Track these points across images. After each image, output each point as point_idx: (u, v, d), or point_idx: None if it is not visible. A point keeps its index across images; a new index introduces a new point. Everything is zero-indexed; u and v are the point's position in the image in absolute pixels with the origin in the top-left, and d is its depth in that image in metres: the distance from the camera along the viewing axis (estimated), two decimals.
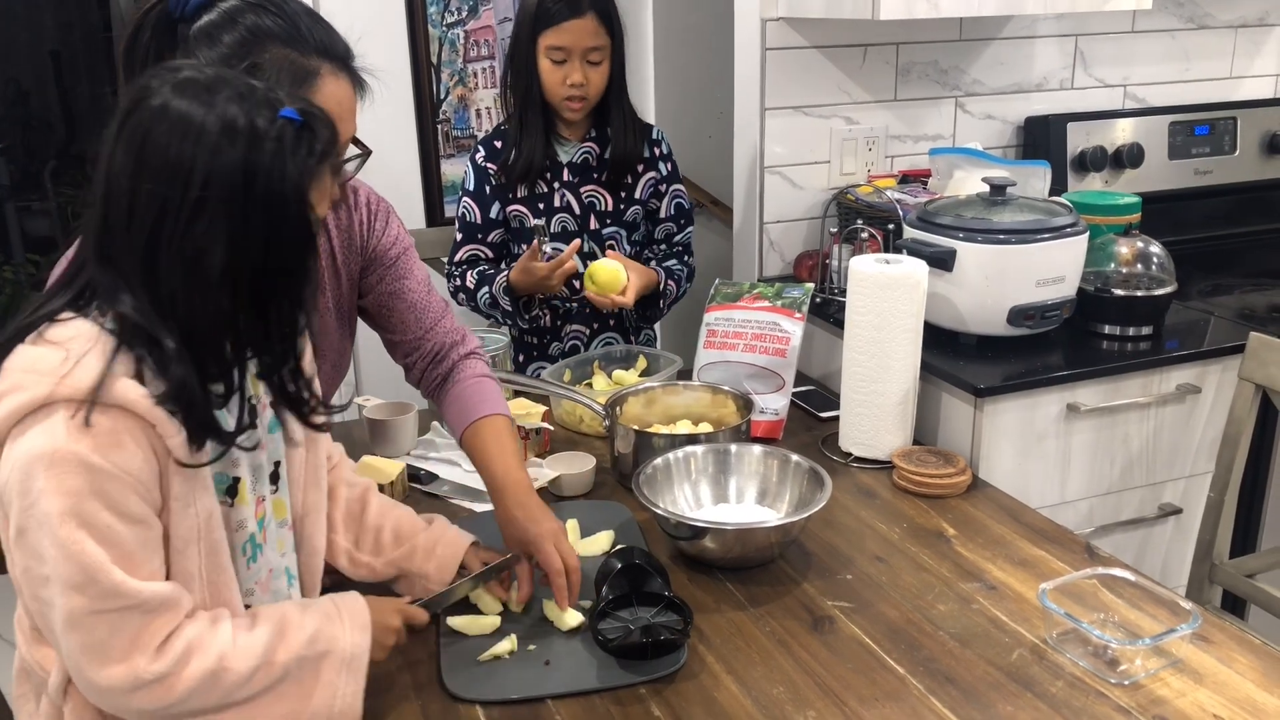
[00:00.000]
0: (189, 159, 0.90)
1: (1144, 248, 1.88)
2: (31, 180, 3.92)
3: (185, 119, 0.91)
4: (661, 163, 2.07)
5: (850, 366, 1.65)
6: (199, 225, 0.91)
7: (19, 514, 0.92)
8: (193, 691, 0.97)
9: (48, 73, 3.97)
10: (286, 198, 0.93)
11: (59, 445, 0.90)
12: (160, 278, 0.93)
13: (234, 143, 0.91)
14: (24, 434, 0.91)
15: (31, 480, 0.90)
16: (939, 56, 2.22)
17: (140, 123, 0.92)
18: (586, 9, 1.87)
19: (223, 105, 0.92)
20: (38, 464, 0.90)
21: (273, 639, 1.02)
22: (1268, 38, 2.49)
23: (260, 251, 0.93)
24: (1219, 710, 1.10)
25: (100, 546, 0.91)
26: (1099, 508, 1.83)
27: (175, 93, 0.93)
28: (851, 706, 1.12)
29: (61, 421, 0.90)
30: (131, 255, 0.93)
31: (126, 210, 0.92)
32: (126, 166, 0.92)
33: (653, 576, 1.25)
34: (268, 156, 0.92)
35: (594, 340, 2.09)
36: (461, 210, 2.03)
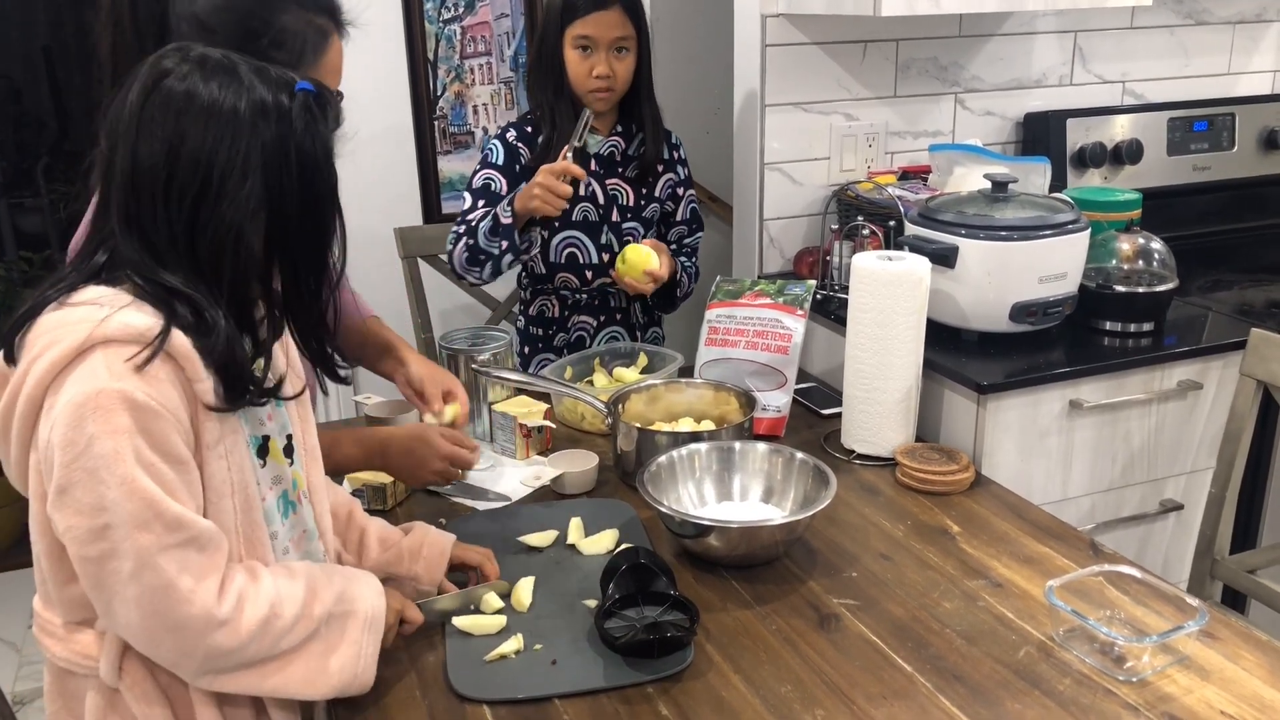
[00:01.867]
0: (228, 138, 0.94)
1: (1145, 244, 1.88)
2: (24, 177, 3.90)
3: (218, 100, 0.95)
4: (680, 166, 2.09)
5: (853, 363, 1.65)
6: (240, 199, 0.95)
7: (63, 469, 0.90)
8: (253, 636, 0.99)
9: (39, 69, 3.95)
10: (319, 163, 0.99)
11: (102, 385, 0.90)
12: (200, 250, 0.96)
13: (268, 121, 0.96)
14: (63, 385, 0.91)
15: (79, 428, 0.89)
16: (939, 53, 2.22)
17: (168, 105, 0.95)
18: (613, 1, 1.87)
19: (249, 86, 0.96)
20: (84, 409, 0.89)
21: (308, 592, 1.04)
22: (1265, 33, 2.49)
23: (297, 216, 0.99)
24: (1226, 707, 1.10)
25: (154, 483, 0.92)
26: (1101, 504, 1.83)
27: (198, 75, 0.96)
28: (860, 705, 1.12)
29: (101, 362, 0.91)
30: (169, 230, 0.95)
31: (163, 189, 0.94)
32: (159, 148, 0.94)
33: (658, 575, 1.25)
34: (300, 128, 0.98)
35: (600, 333, 2.09)
36: (483, 181, 1.98)
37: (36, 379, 0.92)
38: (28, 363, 0.93)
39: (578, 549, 1.42)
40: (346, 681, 1.06)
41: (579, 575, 1.36)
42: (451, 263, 1.99)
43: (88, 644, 1.02)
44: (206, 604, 0.95)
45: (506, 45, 3.00)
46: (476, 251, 1.92)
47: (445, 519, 1.52)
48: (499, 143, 2.00)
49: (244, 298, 1.00)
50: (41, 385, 0.92)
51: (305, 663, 1.03)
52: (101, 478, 0.90)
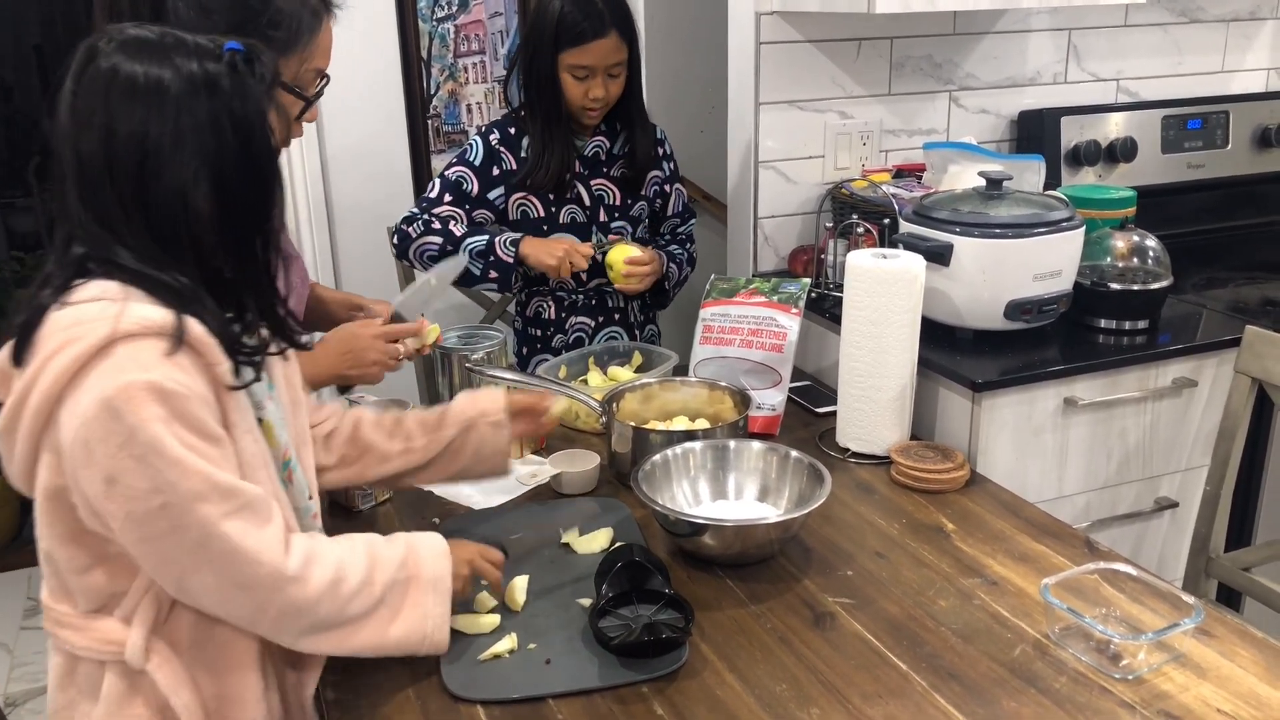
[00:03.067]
0: (155, 115, 0.95)
1: (1140, 242, 1.88)
2: (15, 177, 3.89)
3: (144, 79, 0.95)
4: (665, 161, 2.09)
5: (848, 361, 1.65)
6: (177, 168, 0.96)
7: (108, 460, 0.91)
8: (321, 596, 1.03)
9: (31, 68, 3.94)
10: (253, 123, 0.99)
11: (132, 378, 0.91)
12: (155, 225, 0.97)
13: (197, 91, 0.97)
14: (85, 381, 0.92)
15: (117, 420, 0.91)
16: (933, 50, 2.22)
17: (95, 90, 0.96)
18: (609, 28, 1.86)
19: (175, 57, 0.97)
20: (116, 401, 0.91)
21: (369, 560, 1.08)
22: (1259, 31, 2.50)
23: (238, 178, 0.99)
24: (1222, 704, 1.10)
25: (201, 459, 0.95)
26: (1096, 502, 1.83)
27: (125, 54, 0.96)
28: (855, 703, 1.11)
29: (126, 356, 0.92)
30: (122, 211, 0.96)
31: (108, 172, 0.96)
32: (95, 134, 0.95)
33: (653, 574, 1.24)
34: (230, 92, 0.98)
35: (598, 333, 2.09)
36: (456, 176, 1.98)
37: (54, 377, 0.92)
38: (41, 361, 0.93)
39: (572, 548, 1.42)
40: (415, 643, 1.12)
41: (573, 574, 1.35)
42: (403, 245, 1.97)
43: (109, 630, 1.02)
44: (275, 561, 1.00)
45: (500, 44, 2.99)
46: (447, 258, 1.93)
47: (439, 518, 1.52)
48: (480, 142, 1.99)
49: (212, 271, 1.01)
50: (60, 383, 0.92)
51: (373, 628, 1.08)
52: (150, 461, 0.92)
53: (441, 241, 1.94)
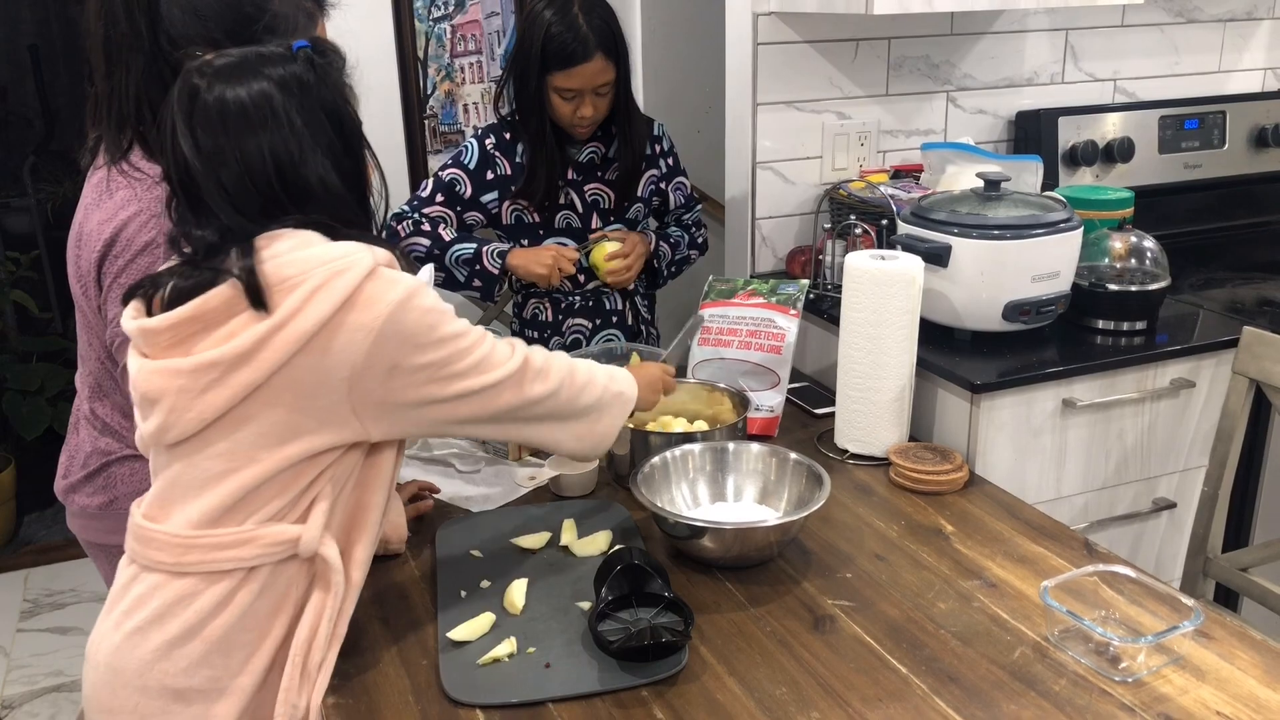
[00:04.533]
0: (272, 125, 1.07)
1: (1137, 242, 1.88)
2: (10, 177, 3.88)
3: (250, 98, 1.07)
4: (662, 159, 2.08)
5: (846, 363, 1.65)
6: (309, 163, 1.09)
7: (405, 353, 1.08)
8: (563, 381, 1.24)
9: (26, 68, 3.93)
10: (339, 106, 1.13)
11: (408, 285, 1.08)
12: (304, 206, 1.10)
13: (291, 92, 1.09)
14: (365, 299, 1.05)
15: (406, 316, 1.07)
16: (930, 51, 2.22)
17: (209, 118, 1.07)
18: (595, 50, 1.86)
19: (263, 70, 1.09)
20: (408, 304, 1.07)
21: (590, 366, 1.31)
22: (1255, 31, 2.50)
23: (346, 155, 1.14)
24: (1222, 707, 1.10)
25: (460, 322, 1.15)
26: (1094, 503, 1.83)
27: (222, 82, 1.07)
28: (855, 706, 1.11)
29: (391, 276, 1.08)
30: (275, 203, 1.08)
31: (249, 180, 1.07)
32: (229, 160, 1.07)
33: (652, 577, 1.24)
34: (314, 87, 1.10)
35: (596, 335, 2.09)
36: (450, 178, 1.99)
37: (332, 302, 1.04)
38: (305, 294, 1.04)
39: (571, 551, 1.41)
40: (606, 445, 1.33)
41: (572, 577, 1.35)
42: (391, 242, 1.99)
43: (282, 532, 1.09)
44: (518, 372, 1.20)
45: (497, 44, 2.99)
46: (432, 262, 1.95)
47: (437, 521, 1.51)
48: (475, 145, 2.00)
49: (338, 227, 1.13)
50: (336, 306, 1.04)
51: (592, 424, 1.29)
52: (434, 341, 1.10)
53: (429, 245, 1.95)
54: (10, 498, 3.41)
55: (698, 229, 2.15)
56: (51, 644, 2.89)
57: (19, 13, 3.86)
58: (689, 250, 2.13)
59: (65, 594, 3.13)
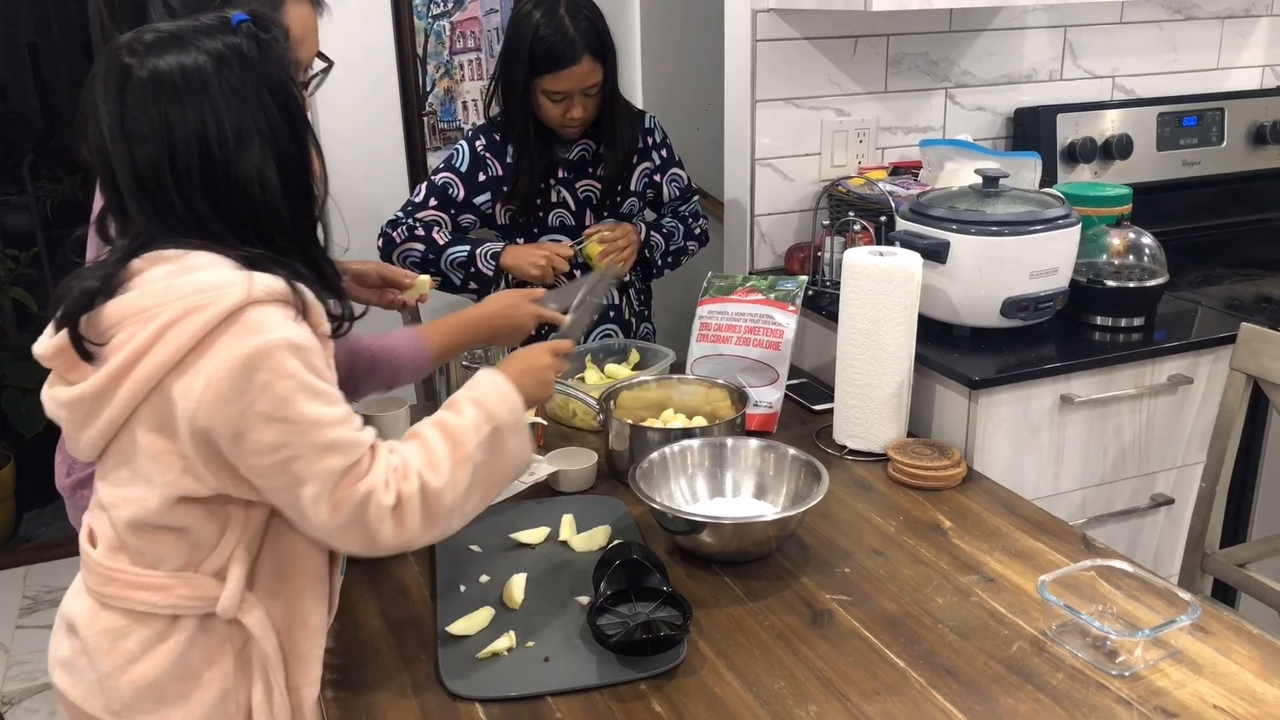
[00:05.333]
0: (207, 102, 0.97)
1: (1136, 239, 1.89)
2: (9, 174, 3.87)
3: (182, 72, 0.97)
4: (654, 152, 2.08)
5: (844, 359, 1.65)
6: (246, 150, 0.98)
7: (236, 419, 0.94)
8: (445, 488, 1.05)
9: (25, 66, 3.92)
10: (284, 84, 1.02)
11: (266, 339, 0.95)
12: (228, 210, 1.00)
13: (230, 66, 0.98)
14: (215, 344, 0.94)
15: (249, 378, 0.94)
16: (929, 48, 2.22)
17: (142, 96, 0.97)
18: (582, 53, 1.87)
19: (198, 43, 0.98)
20: (254, 360, 0.94)
21: (450, 443, 1.08)
22: (1254, 29, 2.50)
23: (290, 141, 1.02)
24: (1219, 700, 1.10)
25: (326, 408, 0.98)
26: (1092, 498, 1.83)
27: (154, 55, 0.98)
28: (853, 700, 1.12)
29: (258, 319, 0.95)
30: (190, 208, 0.99)
31: (170, 173, 0.97)
32: (150, 138, 0.97)
33: (651, 572, 1.24)
34: (256, 60, 1.00)
35: (594, 332, 2.09)
36: (442, 182, 2.01)
37: (179, 342, 0.94)
38: (157, 329, 0.95)
39: (570, 546, 1.42)
40: (515, 478, 1.17)
41: (571, 572, 1.35)
42: (387, 248, 2.00)
43: (200, 584, 1.03)
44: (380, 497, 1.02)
45: (495, 41, 2.98)
46: (429, 268, 1.98)
47: None
48: (467, 147, 2.01)
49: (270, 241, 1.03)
50: (185, 348, 0.94)
51: (484, 487, 1.10)
52: (277, 419, 0.95)
53: (424, 249, 1.97)
54: (10, 495, 3.41)
55: (695, 220, 2.15)
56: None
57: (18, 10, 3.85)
58: (685, 241, 2.13)
59: (64, 591, 3.13)
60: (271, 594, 1.07)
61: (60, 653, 1.11)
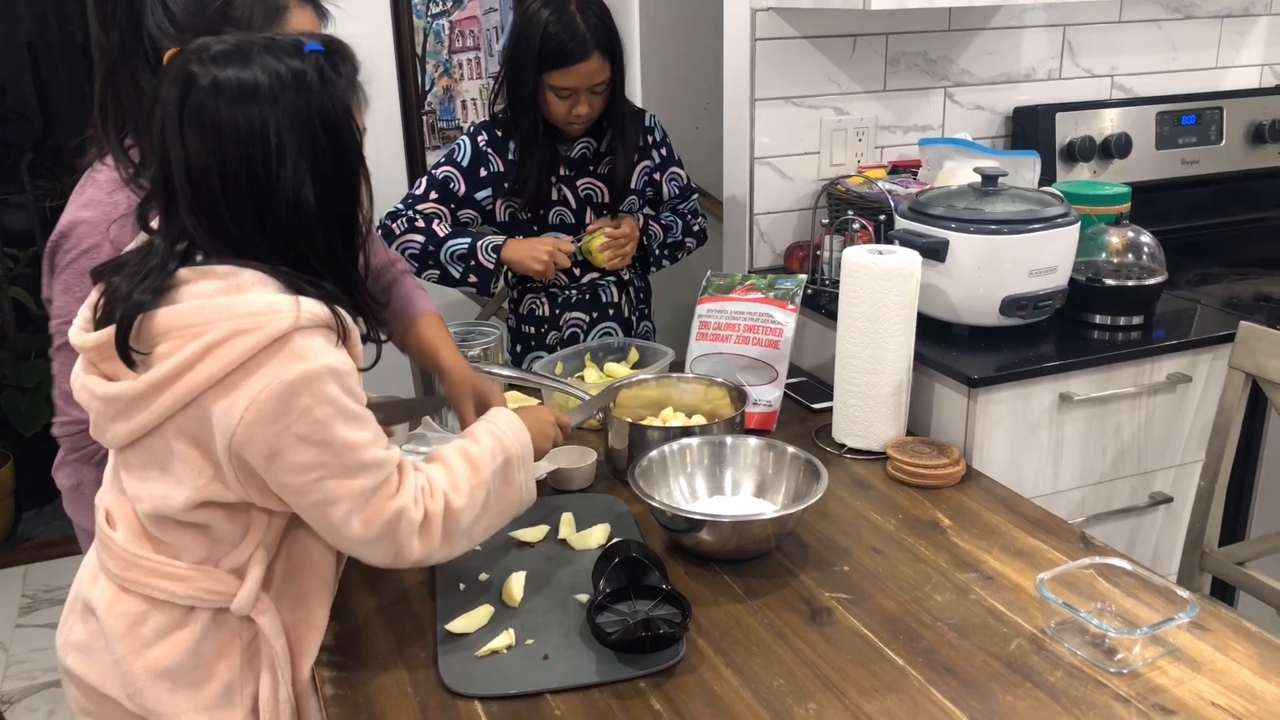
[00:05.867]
0: (258, 117, 1.01)
1: (1135, 237, 1.89)
2: (8, 174, 3.87)
3: (240, 85, 1.01)
4: (655, 150, 2.08)
5: (844, 357, 1.65)
6: (286, 167, 1.02)
7: (274, 439, 0.99)
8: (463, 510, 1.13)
9: (24, 65, 3.92)
10: (340, 119, 1.06)
11: (310, 365, 0.99)
12: (269, 227, 1.03)
13: (285, 87, 1.02)
14: (263, 367, 0.98)
15: (291, 401, 0.98)
16: (928, 47, 2.22)
17: (200, 103, 1.01)
18: (592, 49, 1.86)
19: (261, 60, 1.02)
20: (298, 385, 0.98)
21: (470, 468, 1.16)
22: (1253, 27, 2.50)
23: (334, 175, 1.05)
24: (1217, 698, 1.10)
25: (361, 432, 1.03)
26: (1091, 497, 1.84)
27: (218, 67, 1.02)
28: (852, 698, 1.12)
29: (303, 346, 1.00)
30: (237, 218, 1.02)
31: (219, 181, 1.01)
32: (204, 143, 1.01)
33: (650, 569, 1.24)
34: (315, 88, 1.03)
35: (593, 329, 2.09)
36: (443, 175, 2.00)
37: (225, 362, 0.98)
38: (204, 346, 0.98)
39: (569, 544, 1.42)
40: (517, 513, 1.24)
41: (570, 570, 1.35)
42: (385, 240, 2.00)
43: (218, 580, 1.08)
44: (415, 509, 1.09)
45: (495, 40, 2.99)
46: (428, 260, 1.98)
47: None
48: (468, 143, 2.00)
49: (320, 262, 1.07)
50: (229, 368, 0.98)
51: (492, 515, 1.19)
52: (314, 441, 1.00)
53: (424, 240, 1.96)
54: (9, 494, 3.41)
55: (694, 218, 2.16)
56: (50, 640, 2.85)
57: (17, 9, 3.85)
58: (683, 236, 2.13)
59: (64, 590, 3.11)
60: (280, 593, 1.11)
61: (74, 636, 1.13)
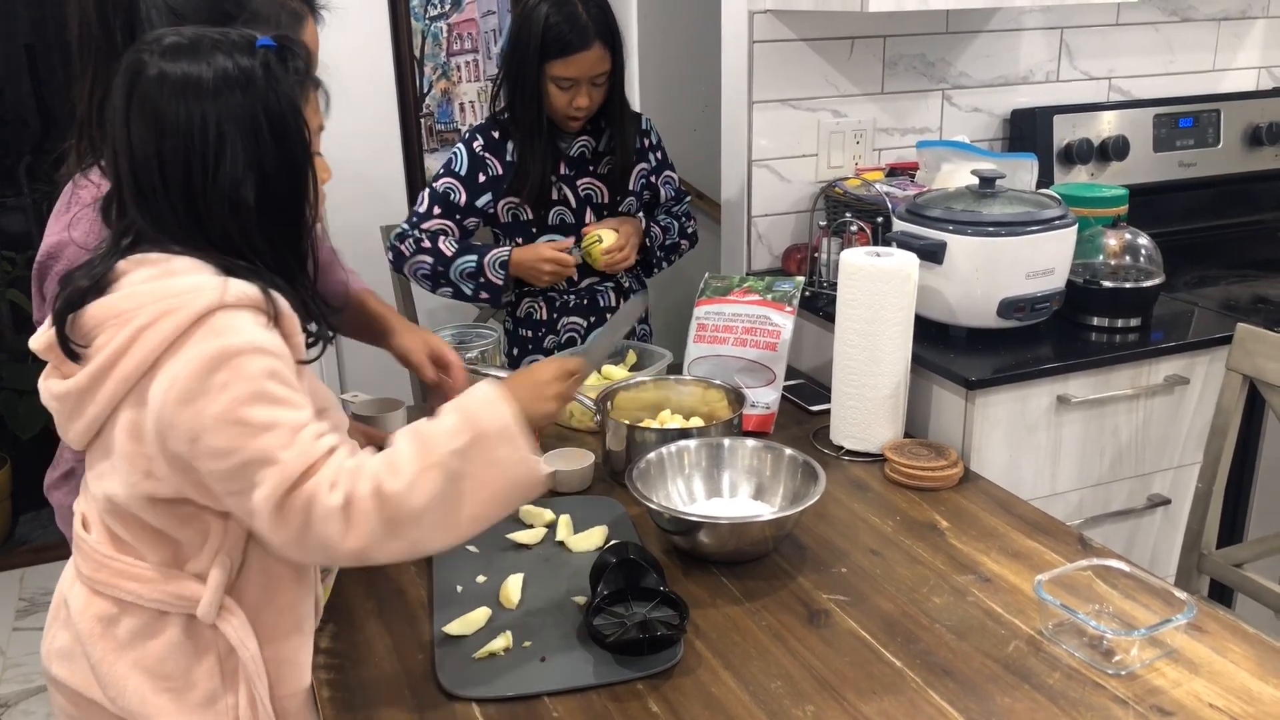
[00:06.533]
0: (199, 113, 0.99)
1: (1132, 240, 1.89)
2: (6, 176, 3.87)
3: (184, 79, 1.00)
4: (651, 153, 2.09)
5: (841, 359, 1.65)
6: (225, 165, 1.00)
7: (193, 419, 0.95)
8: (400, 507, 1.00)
9: (21, 67, 3.92)
10: (286, 117, 1.03)
11: (230, 341, 0.96)
12: (207, 222, 1.01)
13: (231, 85, 1.00)
14: (184, 346, 0.96)
15: (208, 380, 0.95)
16: (926, 49, 2.22)
17: (146, 94, 1.00)
18: (593, 39, 1.87)
19: (210, 57, 1.01)
20: (216, 361, 0.95)
21: (420, 443, 1.03)
22: (1250, 30, 2.51)
23: (276, 174, 1.03)
24: (1214, 699, 1.10)
25: (284, 413, 0.97)
26: (1089, 499, 1.84)
27: (166, 59, 1.01)
28: (850, 700, 1.12)
29: (225, 322, 0.97)
30: (175, 212, 1.01)
31: (159, 174, 1.00)
32: (146, 135, 1.00)
33: (648, 572, 1.24)
34: (261, 86, 1.01)
35: (590, 333, 2.09)
36: (444, 188, 2.01)
37: (154, 344, 0.96)
38: (134, 330, 0.96)
39: (566, 546, 1.42)
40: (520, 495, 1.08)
41: (568, 572, 1.35)
42: (398, 261, 2.02)
43: (183, 584, 1.05)
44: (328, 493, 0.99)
45: (493, 42, 2.99)
46: (439, 279, 1.99)
47: None
48: (464, 150, 2.01)
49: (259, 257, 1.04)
50: (158, 350, 0.96)
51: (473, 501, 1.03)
52: (230, 421, 0.95)
53: (432, 261, 1.98)
54: (6, 497, 3.41)
55: (687, 220, 2.17)
56: None
57: (14, 12, 3.85)
58: (679, 239, 2.14)
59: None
60: (259, 605, 1.07)
61: (56, 644, 1.12)
